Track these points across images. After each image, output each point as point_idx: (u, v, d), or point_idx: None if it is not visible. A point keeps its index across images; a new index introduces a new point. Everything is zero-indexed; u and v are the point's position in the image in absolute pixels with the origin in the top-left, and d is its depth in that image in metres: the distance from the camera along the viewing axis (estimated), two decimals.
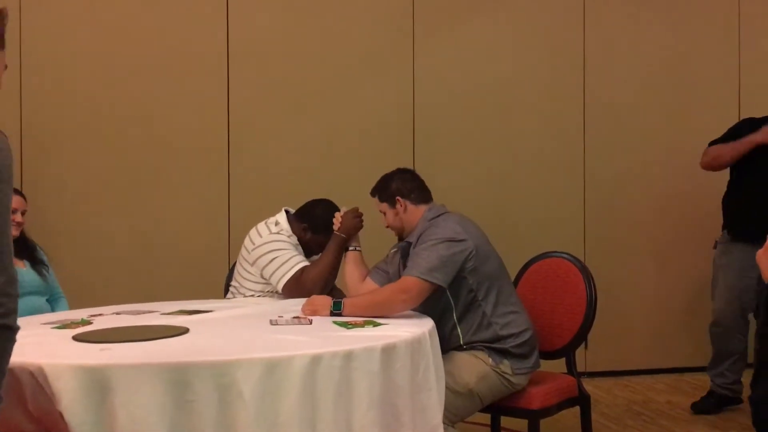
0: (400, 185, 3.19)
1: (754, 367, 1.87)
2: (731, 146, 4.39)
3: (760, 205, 4.32)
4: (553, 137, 5.23)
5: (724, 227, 4.54)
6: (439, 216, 3.11)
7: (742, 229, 4.39)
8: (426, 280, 2.89)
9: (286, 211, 3.56)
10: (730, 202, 4.53)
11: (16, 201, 3.50)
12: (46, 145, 4.63)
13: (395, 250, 3.28)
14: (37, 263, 3.56)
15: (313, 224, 3.51)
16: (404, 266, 3.06)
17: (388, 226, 3.25)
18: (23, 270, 3.48)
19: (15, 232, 3.48)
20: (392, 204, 3.19)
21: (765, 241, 4.25)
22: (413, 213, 3.17)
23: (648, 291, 5.35)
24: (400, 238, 3.25)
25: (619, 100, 5.30)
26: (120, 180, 4.71)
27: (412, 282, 2.89)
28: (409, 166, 4.11)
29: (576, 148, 5.25)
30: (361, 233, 3.43)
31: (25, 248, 3.56)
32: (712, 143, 4.51)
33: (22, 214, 3.52)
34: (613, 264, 5.23)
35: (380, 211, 3.24)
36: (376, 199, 3.25)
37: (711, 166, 4.51)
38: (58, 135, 4.66)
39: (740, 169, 4.46)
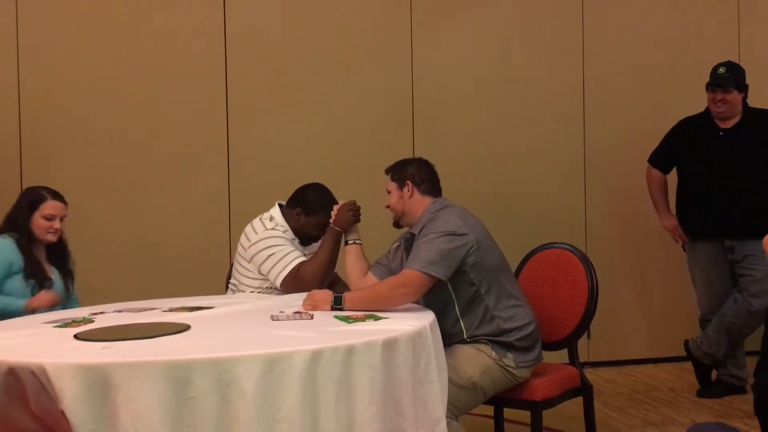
0: (415, 172, 3.20)
1: (760, 354, 1.87)
2: (653, 196, 4.72)
3: (709, 204, 4.42)
4: (553, 127, 5.22)
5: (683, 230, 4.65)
6: (441, 209, 3.11)
7: (699, 229, 4.52)
8: (426, 273, 2.89)
9: (279, 205, 3.54)
10: (682, 205, 4.62)
11: (55, 206, 3.36)
12: (46, 145, 4.64)
13: (397, 244, 3.27)
14: (66, 274, 3.45)
15: (306, 206, 3.48)
16: (408, 258, 3.06)
17: (387, 206, 3.24)
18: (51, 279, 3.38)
19: (52, 238, 3.36)
20: (401, 185, 3.19)
21: (722, 235, 4.34)
22: (418, 201, 3.17)
23: (650, 280, 5.35)
24: (396, 224, 3.25)
25: (619, 88, 5.30)
26: (120, 178, 4.72)
27: (412, 275, 2.89)
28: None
29: (576, 137, 5.25)
30: (361, 227, 3.41)
31: (57, 255, 3.44)
32: (654, 154, 4.70)
33: (61, 220, 3.38)
34: (615, 253, 5.23)
35: (387, 190, 3.24)
36: (388, 177, 3.25)
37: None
38: (58, 136, 4.66)
39: (683, 172, 4.59)
